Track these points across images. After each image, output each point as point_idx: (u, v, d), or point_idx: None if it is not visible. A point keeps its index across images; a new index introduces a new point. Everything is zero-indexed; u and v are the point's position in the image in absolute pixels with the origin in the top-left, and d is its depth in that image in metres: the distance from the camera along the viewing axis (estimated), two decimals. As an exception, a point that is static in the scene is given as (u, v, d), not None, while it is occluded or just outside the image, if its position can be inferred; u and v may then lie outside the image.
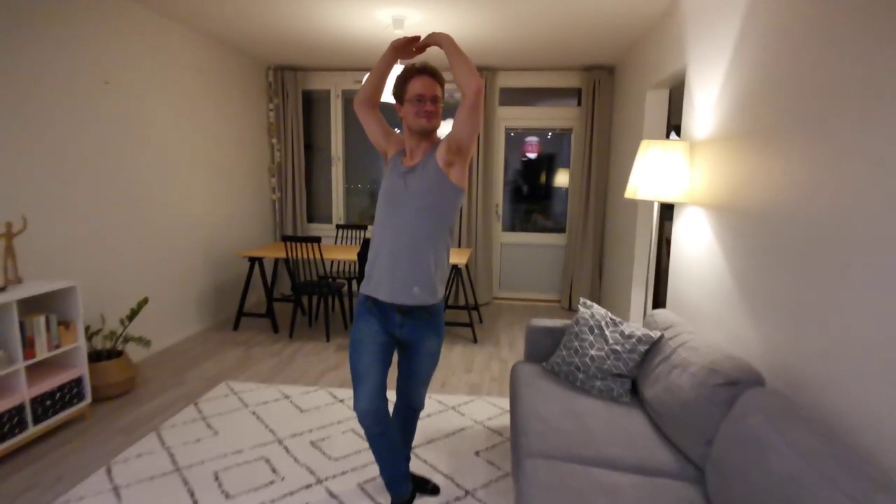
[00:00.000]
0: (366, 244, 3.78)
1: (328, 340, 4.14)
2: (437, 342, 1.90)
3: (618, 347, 2.27)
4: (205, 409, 2.84)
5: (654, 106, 3.69)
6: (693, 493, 1.56)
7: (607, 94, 5.02)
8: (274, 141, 5.49)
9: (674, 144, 2.57)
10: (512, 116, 5.42)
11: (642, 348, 2.23)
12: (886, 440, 1.26)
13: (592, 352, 2.31)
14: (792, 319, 1.69)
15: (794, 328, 1.67)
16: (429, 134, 1.77)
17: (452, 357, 3.84)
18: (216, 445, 2.47)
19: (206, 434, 2.57)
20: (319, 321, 4.70)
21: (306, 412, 2.84)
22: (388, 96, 3.17)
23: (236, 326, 4.38)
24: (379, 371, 1.79)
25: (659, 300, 4.36)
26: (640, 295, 3.87)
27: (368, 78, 1.86)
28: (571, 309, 5.35)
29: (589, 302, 2.52)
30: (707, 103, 2.48)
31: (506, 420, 2.81)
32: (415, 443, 2.54)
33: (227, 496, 2.08)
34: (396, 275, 1.75)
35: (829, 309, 1.50)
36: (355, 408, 1.77)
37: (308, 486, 2.16)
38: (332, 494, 2.10)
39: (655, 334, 2.24)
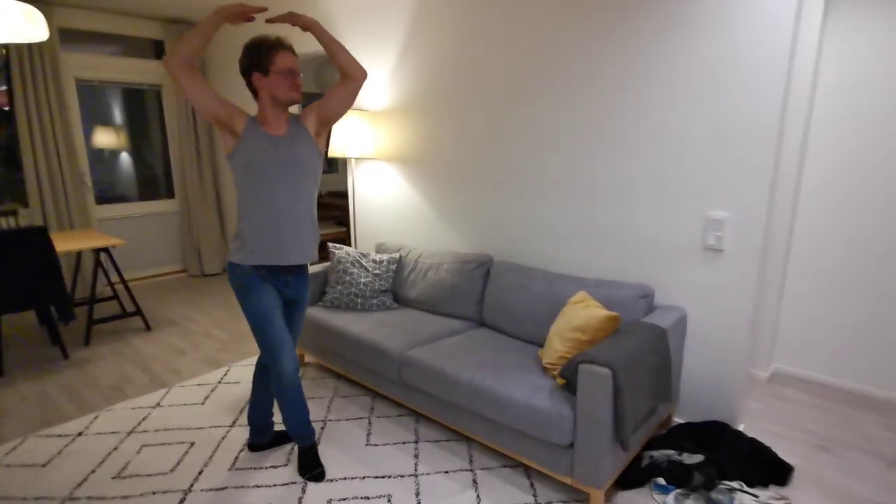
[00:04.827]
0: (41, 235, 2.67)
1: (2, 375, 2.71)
2: (308, 294, 2.12)
3: (378, 271, 3.01)
4: None
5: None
6: (484, 330, 2.63)
7: (204, 52, 4.96)
8: None
9: (361, 114, 3.34)
10: (84, 66, 4.47)
11: (393, 267, 3.06)
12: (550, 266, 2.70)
13: (363, 280, 2.95)
14: (476, 220, 2.95)
15: (480, 225, 2.94)
16: (290, 106, 1.90)
17: (149, 349, 3.37)
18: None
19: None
20: None
21: (51, 463, 2.14)
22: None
23: None
24: (287, 331, 1.92)
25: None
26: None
27: (188, 38, 1.73)
28: (205, 275, 5.24)
29: (337, 245, 3.08)
30: (380, 81, 3.36)
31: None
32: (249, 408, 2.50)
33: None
34: (301, 237, 1.88)
35: (484, 210, 2.82)
36: (282, 369, 1.85)
37: (181, 502, 1.91)
38: (217, 489, 1.98)
39: (397, 255, 3.11)
